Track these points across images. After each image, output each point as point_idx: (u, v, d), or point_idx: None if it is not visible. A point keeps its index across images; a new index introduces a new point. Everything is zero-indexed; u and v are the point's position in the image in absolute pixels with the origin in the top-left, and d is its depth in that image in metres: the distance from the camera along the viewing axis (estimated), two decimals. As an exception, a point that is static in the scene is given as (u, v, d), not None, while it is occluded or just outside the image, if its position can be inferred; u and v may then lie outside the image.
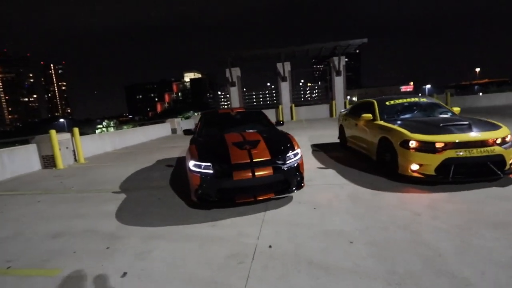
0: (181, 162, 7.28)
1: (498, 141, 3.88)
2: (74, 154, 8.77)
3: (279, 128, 5.09)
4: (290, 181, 3.62)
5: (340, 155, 6.60)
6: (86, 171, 7.27)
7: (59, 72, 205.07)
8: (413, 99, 5.56)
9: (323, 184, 4.50)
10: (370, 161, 5.47)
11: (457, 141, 3.85)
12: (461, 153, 3.79)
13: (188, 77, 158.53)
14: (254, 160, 3.49)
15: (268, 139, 3.95)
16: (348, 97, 18.30)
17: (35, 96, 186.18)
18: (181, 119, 19.42)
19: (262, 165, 3.49)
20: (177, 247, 2.81)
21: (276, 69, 19.27)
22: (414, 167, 4.06)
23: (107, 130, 27.68)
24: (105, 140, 11.06)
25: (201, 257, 2.58)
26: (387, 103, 5.54)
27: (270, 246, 2.68)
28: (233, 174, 3.41)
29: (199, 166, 3.55)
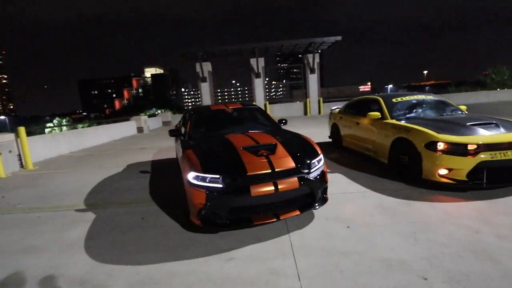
0: (158, 168, 6.24)
1: (529, 141, 3.57)
2: (20, 159, 7.21)
3: (283, 128, 4.37)
4: (315, 194, 2.94)
5: (338, 156, 6.09)
6: (37, 180, 5.89)
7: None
8: (420, 96, 5.20)
9: (339, 193, 3.89)
10: (376, 163, 5.01)
11: (491, 142, 3.47)
12: (496, 156, 3.42)
13: (149, 72, 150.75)
14: (276, 170, 2.74)
15: (286, 142, 3.21)
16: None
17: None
18: (147, 117, 17.79)
19: (286, 175, 2.75)
20: (189, 301, 1.96)
21: (249, 65, 18.51)
22: (443, 171, 3.62)
23: (60, 130, 24.71)
24: (60, 141, 9.43)
25: (231, 319, 1.78)
26: (394, 100, 5.11)
27: (322, 292, 1.96)
28: (250, 189, 2.62)
29: (203, 179, 2.71)
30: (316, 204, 2.96)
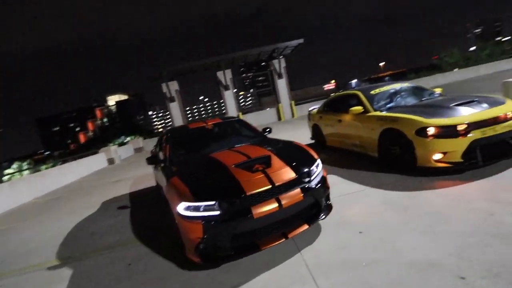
0: (138, 200, 5.71)
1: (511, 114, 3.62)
2: (-26, 217, 6.31)
3: (270, 137, 4.13)
4: (320, 202, 2.70)
5: (325, 156, 5.93)
6: (-3, 238, 5.13)
7: None
8: (396, 85, 5.20)
9: (339, 195, 3.68)
10: (366, 158, 4.90)
11: (479, 119, 3.45)
12: (486, 132, 3.41)
13: (112, 100, 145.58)
14: (276, 185, 2.46)
15: (279, 152, 2.96)
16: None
17: None
18: (117, 147, 16.84)
19: (288, 188, 2.48)
20: None
21: (216, 78, 18.28)
22: (437, 156, 3.55)
23: (20, 175, 22.64)
24: (20, 187, 8.50)
25: None
26: (372, 92, 5.07)
27: (359, 319, 1.69)
28: (251, 210, 2.32)
29: (197, 209, 2.36)
30: (323, 214, 2.72)
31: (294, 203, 2.45)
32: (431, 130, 3.54)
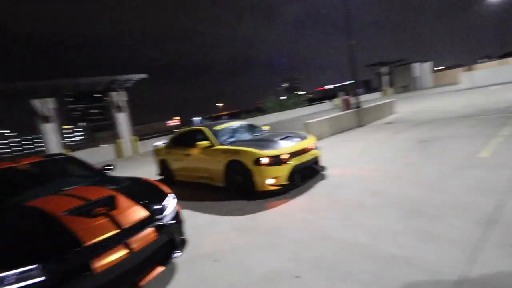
0: None
1: (313, 146, 4.95)
2: None
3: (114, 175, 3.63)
4: (175, 238, 2.61)
5: (175, 191, 5.72)
6: None
7: None
8: (235, 123, 5.97)
9: (191, 228, 3.65)
10: (214, 189, 5.20)
11: (295, 150, 4.49)
12: (300, 160, 4.48)
13: None
14: (125, 227, 2.16)
15: (126, 190, 2.65)
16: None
17: None
18: None
19: (139, 229, 2.24)
20: None
21: (33, 108, 14.47)
22: (270, 181, 4.28)
23: None
24: None
25: None
26: (215, 128, 5.57)
27: None
28: (91, 265, 1.91)
29: (1, 282, 1.69)
30: (178, 250, 2.61)
31: (147, 244, 2.24)
32: (264, 160, 4.26)
